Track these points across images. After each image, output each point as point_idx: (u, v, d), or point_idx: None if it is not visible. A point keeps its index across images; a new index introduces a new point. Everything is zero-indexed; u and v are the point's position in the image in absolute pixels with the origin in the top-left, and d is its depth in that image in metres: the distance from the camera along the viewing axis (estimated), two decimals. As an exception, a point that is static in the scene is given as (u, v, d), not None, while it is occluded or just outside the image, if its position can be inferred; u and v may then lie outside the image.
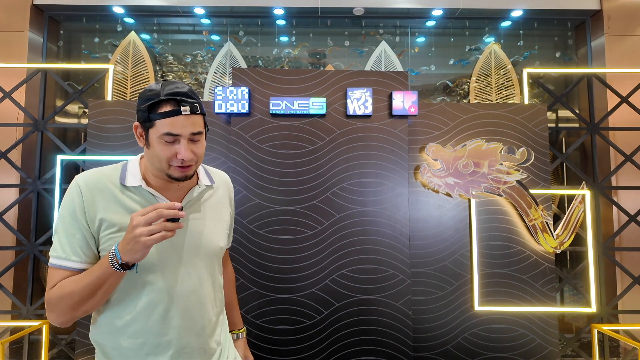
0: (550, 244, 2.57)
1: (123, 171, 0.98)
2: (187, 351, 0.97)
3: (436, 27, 3.77)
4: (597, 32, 3.52)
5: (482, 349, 2.54)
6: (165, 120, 0.88)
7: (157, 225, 0.80)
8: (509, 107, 2.71)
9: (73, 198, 0.92)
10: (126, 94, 3.20)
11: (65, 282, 0.88)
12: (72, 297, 0.86)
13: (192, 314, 0.97)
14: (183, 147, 0.89)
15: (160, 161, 0.91)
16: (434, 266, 2.58)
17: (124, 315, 0.93)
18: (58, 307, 0.87)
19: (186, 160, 0.90)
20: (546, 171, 2.66)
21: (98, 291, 0.86)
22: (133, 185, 0.96)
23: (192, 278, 0.98)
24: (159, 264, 0.94)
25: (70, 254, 0.89)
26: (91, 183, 0.94)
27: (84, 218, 0.91)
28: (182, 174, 0.93)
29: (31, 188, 2.88)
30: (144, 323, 0.93)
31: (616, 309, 2.93)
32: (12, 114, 3.10)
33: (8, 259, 3.02)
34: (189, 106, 0.89)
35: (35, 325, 2.56)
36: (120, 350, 0.93)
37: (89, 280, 0.85)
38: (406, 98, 2.51)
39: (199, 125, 0.92)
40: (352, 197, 2.48)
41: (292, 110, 2.50)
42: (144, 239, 0.79)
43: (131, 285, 0.93)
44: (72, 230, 0.90)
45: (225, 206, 1.12)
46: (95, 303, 0.88)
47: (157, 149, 0.90)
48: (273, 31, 3.78)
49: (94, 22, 3.69)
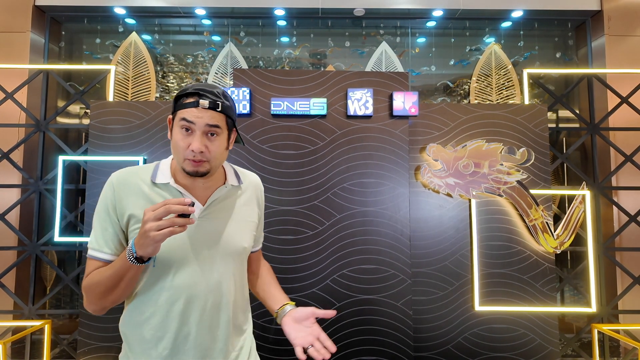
0: (551, 244, 2.58)
1: (155, 169, 1.01)
2: (204, 349, 0.98)
3: (437, 28, 3.78)
4: (597, 32, 3.53)
5: (482, 348, 2.55)
6: (184, 110, 0.92)
7: (166, 220, 0.80)
8: (510, 108, 2.71)
9: (106, 194, 0.97)
10: (127, 94, 3.21)
11: (95, 272, 0.94)
12: (98, 287, 0.91)
13: (209, 313, 0.98)
14: (195, 138, 0.92)
15: (177, 151, 0.95)
16: (434, 266, 2.58)
17: (145, 309, 0.96)
18: (89, 295, 0.94)
19: (196, 152, 0.91)
20: (546, 171, 2.66)
21: (120, 283, 0.90)
22: (162, 183, 0.99)
23: (212, 277, 0.98)
24: (179, 260, 0.96)
25: (103, 246, 0.95)
26: (123, 180, 0.98)
27: (114, 213, 0.96)
28: (194, 169, 0.93)
29: (33, 188, 2.89)
30: (164, 318, 0.95)
31: (616, 309, 2.93)
32: (14, 115, 3.12)
33: (10, 259, 3.03)
34: (208, 101, 0.92)
35: (37, 325, 2.57)
36: (142, 342, 0.97)
37: (111, 272, 0.90)
38: (407, 98, 2.52)
39: (217, 120, 0.93)
40: (353, 198, 2.48)
41: (292, 110, 2.51)
42: (153, 233, 0.80)
43: (153, 280, 0.96)
44: (105, 224, 0.96)
45: (253, 207, 1.11)
46: (120, 294, 0.92)
47: (175, 138, 0.94)
48: (274, 32, 3.79)
49: (95, 23, 3.71)
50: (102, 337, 2.50)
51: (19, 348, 3.04)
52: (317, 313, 0.98)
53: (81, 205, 2.79)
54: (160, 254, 0.92)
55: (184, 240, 0.96)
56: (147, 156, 2.61)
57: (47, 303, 3.23)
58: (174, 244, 0.94)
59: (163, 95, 3.73)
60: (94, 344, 2.49)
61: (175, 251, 0.95)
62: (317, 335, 0.94)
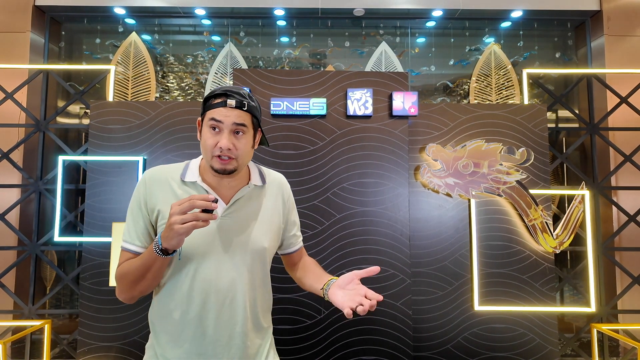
0: (550, 243, 2.58)
1: (185, 168, 1.07)
2: (222, 344, 1.01)
3: (436, 28, 3.78)
4: (596, 32, 3.53)
5: (482, 348, 2.55)
6: (212, 110, 0.98)
7: (190, 214, 0.85)
8: (509, 108, 2.72)
9: (139, 190, 1.04)
10: (127, 94, 3.22)
11: (126, 263, 0.99)
12: (127, 277, 0.97)
13: (227, 309, 1.01)
14: (223, 136, 0.97)
15: (206, 150, 0.99)
16: (434, 266, 2.59)
17: (169, 301, 1.02)
18: (120, 284, 1.00)
19: (224, 149, 0.96)
20: (546, 171, 2.67)
21: (147, 274, 0.95)
22: (190, 181, 1.04)
23: (229, 274, 1.02)
24: (201, 257, 1.00)
25: (135, 239, 1.01)
26: (154, 178, 1.04)
27: (145, 208, 1.02)
28: (221, 166, 0.98)
29: (33, 188, 2.89)
30: (185, 312, 1.00)
31: (616, 309, 2.93)
32: (14, 115, 3.12)
33: (10, 259, 3.03)
34: (235, 100, 0.97)
35: (37, 325, 2.57)
36: (166, 332, 1.02)
37: (140, 263, 0.95)
38: (406, 98, 2.52)
39: (243, 119, 0.98)
40: (353, 197, 2.49)
41: (292, 110, 2.51)
42: (177, 226, 0.85)
43: (176, 274, 1.01)
44: (136, 218, 1.02)
45: (277, 207, 1.13)
46: (147, 285, 0.97)
47: (204, 137, 0.99)
48: (274, 32, 3.80)
49: (95, 23, 3.71)
50: (102, 337, 2.50)
51: (19, 348, 3.04)
52: (359, 274, 0.97)
53: (81, 205, 2.80)
54: (184, 250, 0.98)
55: (206, 237, 1.00)
56: (147, 156, 2.62)
57: (47, 303, 3.23)
58: (196, 240, 0.98)
59: (163, 95, 3.74)
60: (94, 344, 2.50)
61: (197, 248, 1.00)
62: (363, 293, 0.92)
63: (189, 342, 1.00)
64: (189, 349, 1.00)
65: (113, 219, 2.55)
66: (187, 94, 3.76)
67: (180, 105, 2.67)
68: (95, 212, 2.58)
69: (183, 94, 3.76)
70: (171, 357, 1.01)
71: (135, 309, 2.50)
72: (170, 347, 1.01)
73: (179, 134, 2.63)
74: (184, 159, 2.81)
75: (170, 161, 2.60)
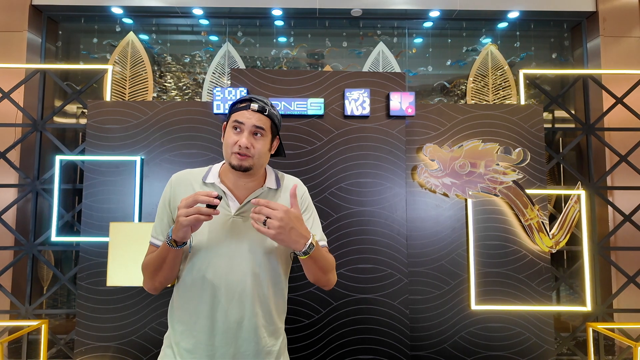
0: (546, 243, 2.59)
1: (207, 171, 1.17)
2: (232, 338, 1.07)
3: (433, 28, 3.79)
4: (592, 33, 3.55)
5: (478, 347, 2.56)
6: (237, 113, 1.09)
7: (193, 208, 0.94)
8: (506, 108, 2.73)
9: (166, 190, 1.15)
10: (125, 94, 3.21)
11: (149, 255, 1.11)
12: (149, 268, 1.08)
13: (236, 304, 1.07)
14: (243, 135, 1.07)
15: (227, 147, 1.09)
16: (431, 265, 2.60)
17: (184, 293, 1.10)
18: (144, 274, 1.11)
19: (242, 146, 1.05)
20: (542, 171, 2.68)
21: (163, 265, 1.05)
22: (210, 182, 1.14)
23: (239, 270, 1.08)
24: (213, 253, 1.08)
25: (159, 234, 1.12)
26: (179, 179, 1.16)
27: (169, 207, 1.13)
28: (238, 162, 1.06)
29: (30, 188, 2.89)
30: (197, 304, 1.08)
31: (611, 308, 2.95)
32: (11, 114, 3.11)
33: (7, 259, 3.03)
34: (258, 105, 1.09)
35: (34, 325, 2.57)
36: (181, 322, 1.10)
37: (157, 255, 1.06)
38: (403, 99, 2.53)
39: (263, 123, 1.09)
40: (350, 197, 2.49)
41: (290, 110, 2.52)
42: (181, 219, 0.94)
43: (190, 268, 1.09)
44: (162, 215, 1.13)
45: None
46: (165, 275, 1.07)
47: (226, 136, 1.10)
48: (271, 32, 3.80)
49: (92, 23, 3.70)
50: (99, 337, 2.50)
51: (15, 348, 3.03)
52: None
53: (78, 205, 2.79)
54: (197, 246, 1.07)
55: (219, 233, 1.09)
56: (144, 156, 2.61)
57: (44, 303, 3.23)
58: (210, 236, 1.08)
59: (160, 95, 3.73)
60: (91, 344, 2.49)
61: (210, 243, 1.08)
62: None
63: (201, 333, 1.07)
64: (201, 339, 1.07)
65: (110, 219, 2.55)
66: (184, 93, 3.76)
67: (177, 105, 2.67)
68: (93, 212, 2.58)
69: (181, 93, 3.76)
70: (184, 346, 1.08)
71: (133, 308, 2.50)
72: (184, 337, 1.09)
73: (176, 133, 2.63)
74: (181, 158, 2.82)
75: (167, 161, 2.60)
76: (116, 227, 2.46)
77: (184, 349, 1.08)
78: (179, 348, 1.09)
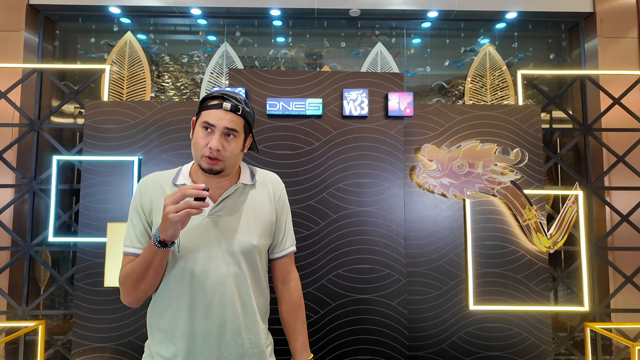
0: (544, 243, 2.60)
1: (177, 173, 1.12)
2: (213, 342, 1.03)
3: (432, 29, 3.80)
4: (590, 34, 3.56)
5: (476, 347, 2.57)
6: (207, 111, 1.02)
7: (183, 203, 0.89)
8: (504, 109, 2.74)
9: (136, 196, 1.09)
10: (122, 94, 3.20)
11: (128, 265, 1.03)
12: (131, 277, 1.00)
13: (216, 307, 1.03)
14: (214, 137, 1.00)
15: (196, 149, 1.03)
16: (429, 266, 2.60)
17: (162, 299, 1.05)
18: (123, 286, 1.02)
19: (213, 150, 0.99)
20: (540, 172, 2.69)
21: (148, 270, 0.98)
22: (181, 183, 1.09)
23: (218, 271, 1.04)
24: (190, 256, 1.03)
25: (135, 242, 1.05)
26: (149, 183, 1.10)
27: (142, 211, 1.07)
28: (209, 166, 1.02)
29: (27, 188, 2.88)
30: (176, 309, 1.03)
31: (609, 308, 2.96)
32: (8, 114, 3.10)
33: (4, 260, 3.01)
34: (231, 104, 1.02)
35: (31, 325, 2.56)
36: (160, 331, 1.05)
37: (141, 261, 0.99)
38: (402, 99, 2.53)
39: (236, 124, 1.03)
40: (349, 198, 2.49)
41: (288, 111, 2.52)
42: (171, 215, 0.89)
43: (169, 272, 1.04)
44: (135, 222, 1.07)
45: (265, 205, 1.14)
46: (149, 283, 1.00)
47: (196, 137, 1.03)
48: (270, 32, 3.79)
49: (90, 22, 3.69)
50: (97, 338, 2.49)
51: (12, 349, 3.02)
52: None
53: (75, 205, 2.78)
54: (173, 250, 1.02)
55: (195, 235, 1.03)
56: (142, 156, 2.61)
57: (41, 304, 3.21)
58: (186, 238, 1.02)
59: (158, 95, 3.72)
60: (88, 345, 2.48)
61: (187, 245, 1.03)
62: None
63: (180, 340, 1.02)
64: (180, 346, 1.02)
65: (108, 219, 2.54)
66: (182, 93, 3.75)
67: (175, 105, 2.66)
68: (90, 212, 2.57)
69: (179, 93, 3.75)
70: (164, 354, 1.03)
71: (130, 309, 2.50)
72: (164, 345, 1.04)
73: (174, 133, 2.62)
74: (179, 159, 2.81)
75: (165, 161, 2.60)
76: (114, 228, 2.45)
77: (165, 357, 1.03)
78: (159, 357, 1.04)
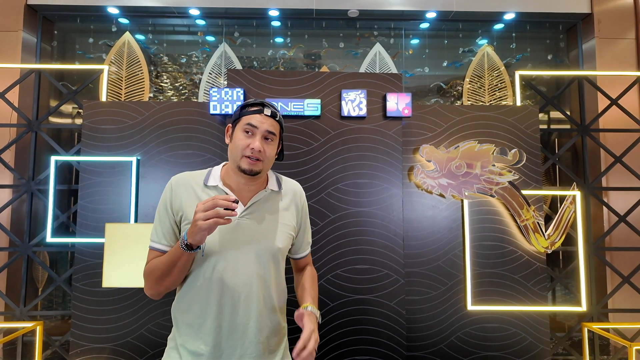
0: (542, 244, 2.61)
1: (207, 174, 1.16)
2: (238, 338, 1.08)
3: (430, 30, 3.80)
4: (587, 35, 3.57)
5: (474, 347, 2.57)
6: (250, 116, 1.10)
7: (212, 212, 0.93)
8: (502, 109, 2.74)
9: (166, 194, 1.13)
10: (121, 94, 3.20)
11: (153, 260, 1.08)
12: (155, 273, 1.06)
13: (242, 305, 1.08)
14: (256, 139, 1.08)
15: (237, 150, 1.09)
16: (427, 266, 2.60)
17: (190, 296, 1.10)
18: (147, 280, 1.08)
19: (255, 150, 1.06)
20: (538, 172, 2.70)
21: (173, 269, 1.03)
22: (212, 185, 1.13)
23: (246, 271, 1.09)
24: (219, 255, 1.08)
25: (161, 239, 1.10)
26: (180, 182, 1.14)
27: (171, 210, 1.11)
28: (249, 167, 1.07)
29: (25, 189, 2.87)
30: (204, 306, 1.08)
31: (606, 308, 2.97)
32: (6, 115, 3.09)
33: (1, 260, 3.00)
34: (271, 110, 1.11)
35: (28, 326, 2.55)
36: (187, 325, 1.10)
37: (167, 259, 1.04)
38: (400, 100, 2.54)
39: (275, 128, 1.12)
40: (347, 198, 2.50)
41: (287, 111, 2.52)
42: (200, 222, 0.93)
43: (197, 271, 1.09)
44: (163, 219, 1.11)
45: (291, 212, 1.21)
46: (172, 280, 1.06)
47: (237, 139, 1.10)
48: (268, 32, 3.79)
49: (88, 23, 3.68)
50: (95, 339, 2.48)
51: (10, 350, 3.01)
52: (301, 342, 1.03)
53: (73, 205, 2.78)
54: (206, 247, 1.06)
55: (225, 236, 1.08)
56: (140, 156, 2.60)
57: (38, 304, 3.21)
58: (216, 238, 1.07)
59: (157, 95, 3.72)
60: (86, 346, 2.48)
61: (216, 246, 1.08)
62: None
63: (208, 335, 1.07)
64: (207, 340, 1.07)
65: (106, 220, 2.53)
66: (181, 94, 3.75)
67: (174, 106, 2.66)
68: (88, 213, 2.57)
69: (177, 94, 3.75)
70: (191, 348, 1.08)
71: (128, 310, 2.49)
72: (190, 339, 1.09)
73: (173, 134, 2.62)
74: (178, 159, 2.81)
75: (164, 161, 2.59)
76: (112, 228, 2.45)
77: (190, 351, 1.08)
78: (185, 350, 1.09)
